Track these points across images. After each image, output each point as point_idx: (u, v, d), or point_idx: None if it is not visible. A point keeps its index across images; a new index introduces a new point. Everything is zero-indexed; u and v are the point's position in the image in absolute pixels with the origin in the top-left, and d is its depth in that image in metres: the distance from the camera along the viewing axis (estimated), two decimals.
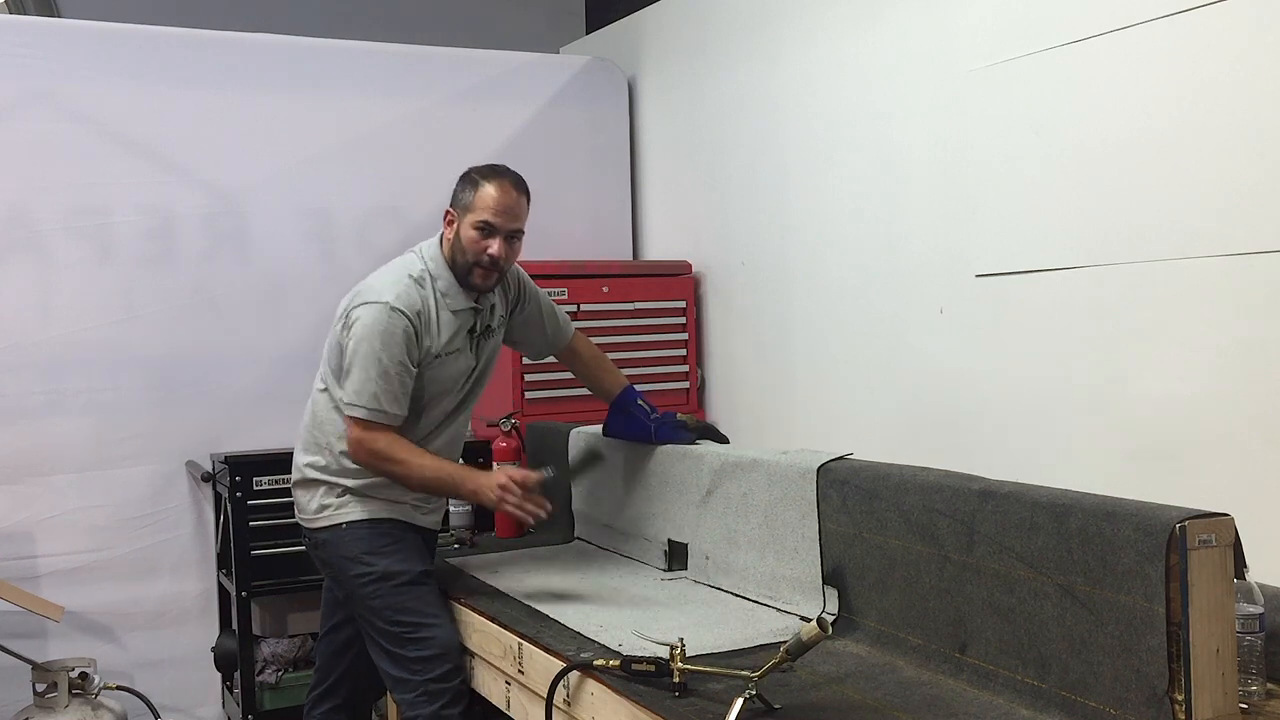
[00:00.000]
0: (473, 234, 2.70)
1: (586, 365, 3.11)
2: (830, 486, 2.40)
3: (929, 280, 3.23)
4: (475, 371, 2.86)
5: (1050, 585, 1.88)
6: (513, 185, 2.74)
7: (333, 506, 2.77)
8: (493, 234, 2.70)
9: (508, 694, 2.55)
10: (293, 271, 4.08)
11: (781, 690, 2.00)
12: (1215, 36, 2.45)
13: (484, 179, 2.72)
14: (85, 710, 3.38)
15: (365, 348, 2.63)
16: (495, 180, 2.72)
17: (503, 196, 2.71)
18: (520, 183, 2.76)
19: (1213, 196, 2.47)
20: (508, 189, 2.72)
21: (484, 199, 2.70)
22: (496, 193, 2.70)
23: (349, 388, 2.66)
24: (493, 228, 2.70)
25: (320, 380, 2.83)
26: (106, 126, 3.82)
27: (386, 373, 2.63)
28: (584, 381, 3.16)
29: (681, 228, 4.46)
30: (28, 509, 3.72)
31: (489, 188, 2.71)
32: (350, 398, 2.66)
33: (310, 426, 2.84)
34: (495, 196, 2.70)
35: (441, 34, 4.80)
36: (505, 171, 2.76)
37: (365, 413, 2.65)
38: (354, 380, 2.65)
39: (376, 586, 2.70)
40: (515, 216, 2.74)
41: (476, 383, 2.88)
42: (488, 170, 2.75)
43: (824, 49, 3.60)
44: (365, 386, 2.63)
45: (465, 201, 2.73)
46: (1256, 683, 1.89)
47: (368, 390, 2.63)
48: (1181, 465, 2.55)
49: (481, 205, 2.70)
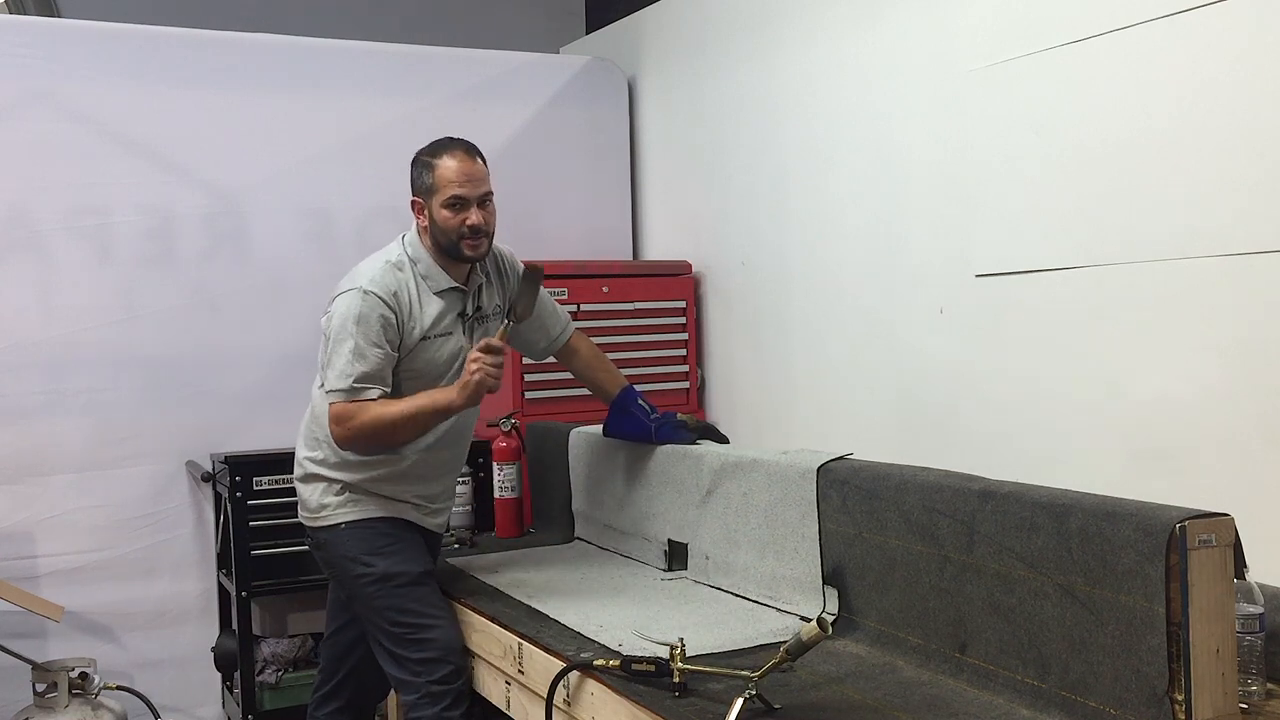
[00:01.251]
0: (446, 213, 2.71)
1: (586, 365, 3.10)
2: (830, 486, 2.40)
3: (929, 280, 3.23)
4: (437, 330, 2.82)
5: (1050, 585, 1.88)
6: (465, 152, 2.74)
7: (332, 506, 2.77)
8: (466, 205, 2.71)
9: (508, 694, 2.55)
10: (293, 271, 4.07)
11: (781, 690, 2.00)
12: (1215, 36, 2.45)
13: (436, 157, 2.73)
14: (85, 710, 3.38)
15: (340, 333, 2.65)
16: (448, 153, 2.72)
17: (462, 166, 2.71)
18: (472, 147, 2.76)
19: (1213, 196, 2.47)
20: (463, 157, 2.72)
21: (445, 175, 2.70)
22: (455, 164, 2.71)
23: (330, 375, 2.67)
24: (464, 199, 2.70)
25: (317, 375, 2.83)
26: (106, 126, 3.82)
27: (362, 354, 2.64)
28: (583, 381, 3.15)
29: (681, 228, 4.46)
30: (28, 509, 3.72)
31: (446, 162, 2.71)
32: (331, 384, 2.67)
33: (309, 421, 2.84)
34: (455, 168, 2.70)
35: (441, 34, 4.80)
36: (453, 142, 2.76)
37: (342, 395, 2.64)
38: (334, 367, 2.66)
39: (378, 587, 2.70)
40: (481, 180, 2.74)
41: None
42: (436, 148, 2.75)
43: (824, 49, 3.60)
44: (343, 370, 2.64)
45: (426, 184, 2.73)
46: (1256, 683, 1.89)
47: (345, 373, 2.64)
48: (1181, 465, 2.55)
49: (445, 181, 2.70)
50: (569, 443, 3.36)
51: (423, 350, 2.73)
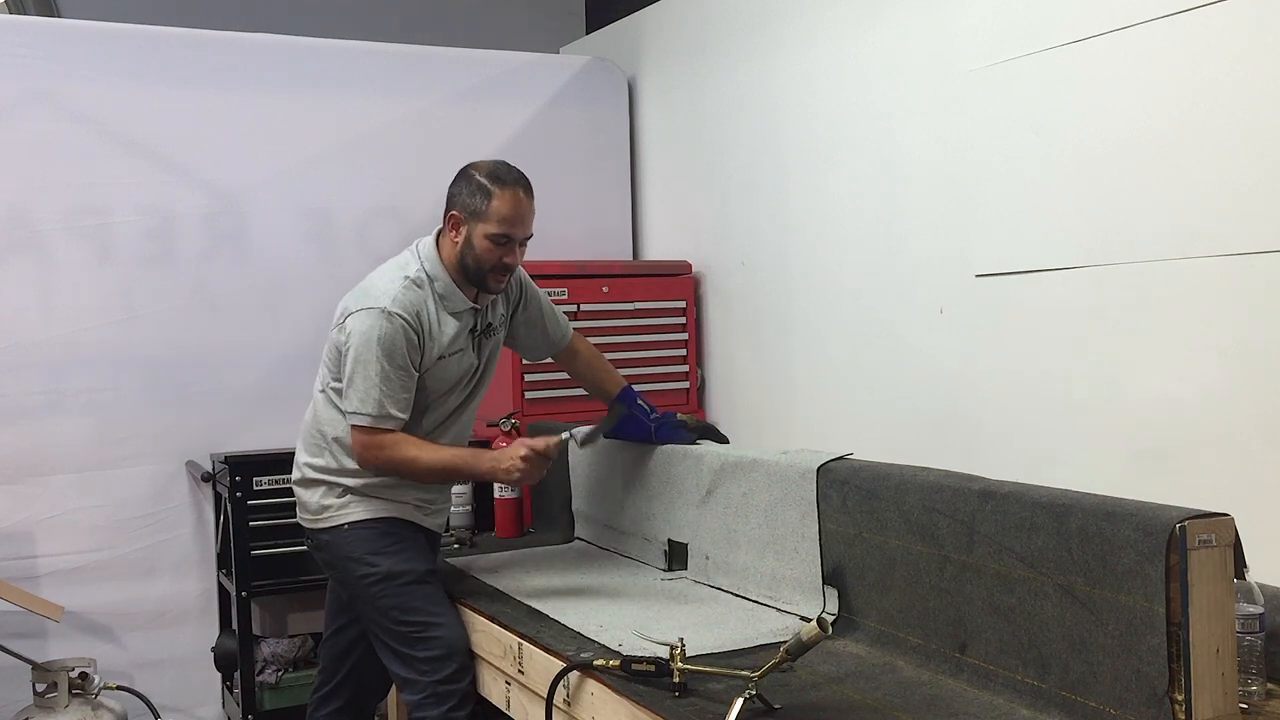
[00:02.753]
0: (486, 244, 2.67)
1: (586, 366, 3.10)
2: (830, 486, 2.40)
3: (929, 280, 3.23)
4: (478, 371, 2.85)
5: (1050, 585, 1.88)
6: (524, 192, 2.69)
7: (334, 507, 2.77)
8: (509, 244, 2.68)
9: (508, 694, 2.55)
10: (293, 271, 4.08)
11: (781, 690, 2.00)
12: (1215, 36, 2.45)
13: (495, 186, 2.66)
14: (85, 710, 3.38)
15: (364, 354, 2.62)
16: (508, 190, 2.66)
17: (517, 206, 2.67)
18: (528, 185, 2.71)
19: (1213, 196, 2.47)
20: (520, 197, 2.68)
21: (498, 210, 2.65)
22: (511, 203, 2.66)
23: (352, 397, 2.64)
24: (510, 239, 2.68)
25: (319, 381, 2.83)
26: (106, 126, 3.82)
27: (388, 378, 2.62)
28: (582, 383, 3.15)
29: (681, 228, 4.46)
30: (28, 509, 3.72)
31: (503, 198, 2.65)
32: (354, 406, 2.64)
33: (310, 426, 2.84)
34: (512, 206, 2.66)
35: (441, 34, 4.80)
36: (512, 177, 2.70)
37: (369, 420, 2.63)
38: (356, 389, 2.63)
39: (382, 587, 2.70)
40: (529, 221, 2.72)
41: (480, 381, 2.87)
42: (495, 176, 2.68)
43: (824, 49, 3.60)
44: (368, 394, 2.62)
45: (476, 209, 2.67)
46: (1256, 683, 1.89)
47: (371, 397, 2.62)
48: (1181, 465, 2.55)
49: (496, 217, 2.65)
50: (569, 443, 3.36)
51: (437, 369, 2.73)
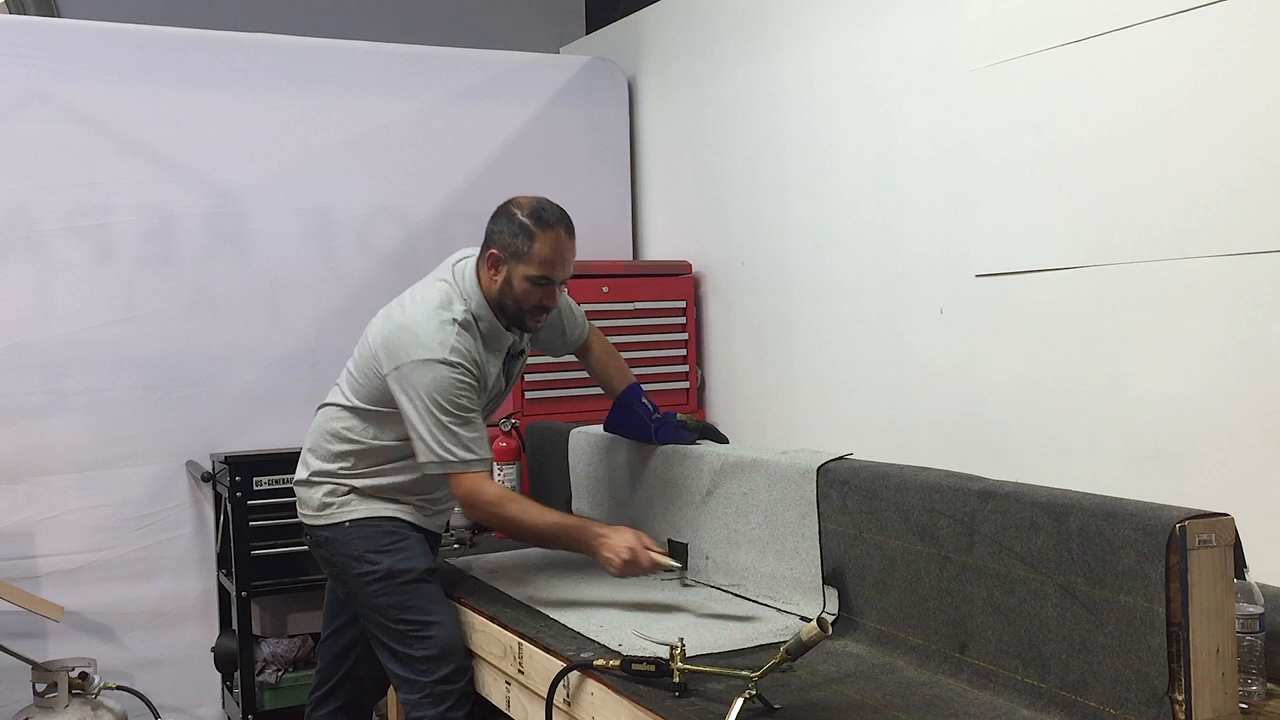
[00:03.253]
0: (527, 285, 2.64)
1: (597, 360, 3.08)
2: (830, 486, 2.40)
3: (929, 280, 3.23)
4: (503, 392, 2.87)
5: (1050, 585, 1.88)
6: (566, 232, 2.64)
7: (335, 505, 2.77)
8: (549, 286, 2.67)
9: (508, 694, 2.55)
10: (293, 271, 4.08)
11: (781, 690, 2.00)
12: (1215, 36, 2.45)
13: (538, 228, 2.61)
14: (85, 710, 3.38)
15: (435, 409, 2.56)
16: (550, 232, 2.62)
17: (559, 248, 2.63)
18: (570, 225, 2.67)
19: (1213, 196, 2.47)
20: (563, 240, 2.63)
21: (541, 253, 2.61)
22: (553, 245, 2.62)
23: (432, 448, 2.58)
24: (550, 280, 2.66)
25: (343, 397, 2.79)
26: (106, 126, 3.81)
27: (467, 422, 2.60)
28: (593, 376, 3.14)
29: (681, 228, 4.46)
30: (28, 509, 3.72)
31: (545, 241, 2.61)
32: (439, 457, 2.59)
33: (324, 432, 2.81)
34: (552, 249, 2.62)
35: (441, 34, 4.80)
36: (555, 218, 2.64)
37: (462, 466, 2.60)
38: (435, 442, 2.58)
39: (381, 585, 2.70)
40: (569, 264, 2.69)
41: (500, 400, 2.89)
42: (538, 216, 2.63)
43: (824, 49, 3.60)
44: (452, 446, 2.58)
45: (517, 249, 2.62)
46: (1256, 683, 1.89)
47: (457, 447, 2.58)
48: (1181, 465, 2.55)
49: (539, 260, 2.61)
50: (569, 443, 3.36)
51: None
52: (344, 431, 2.78)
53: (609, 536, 2.56)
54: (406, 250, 4.20)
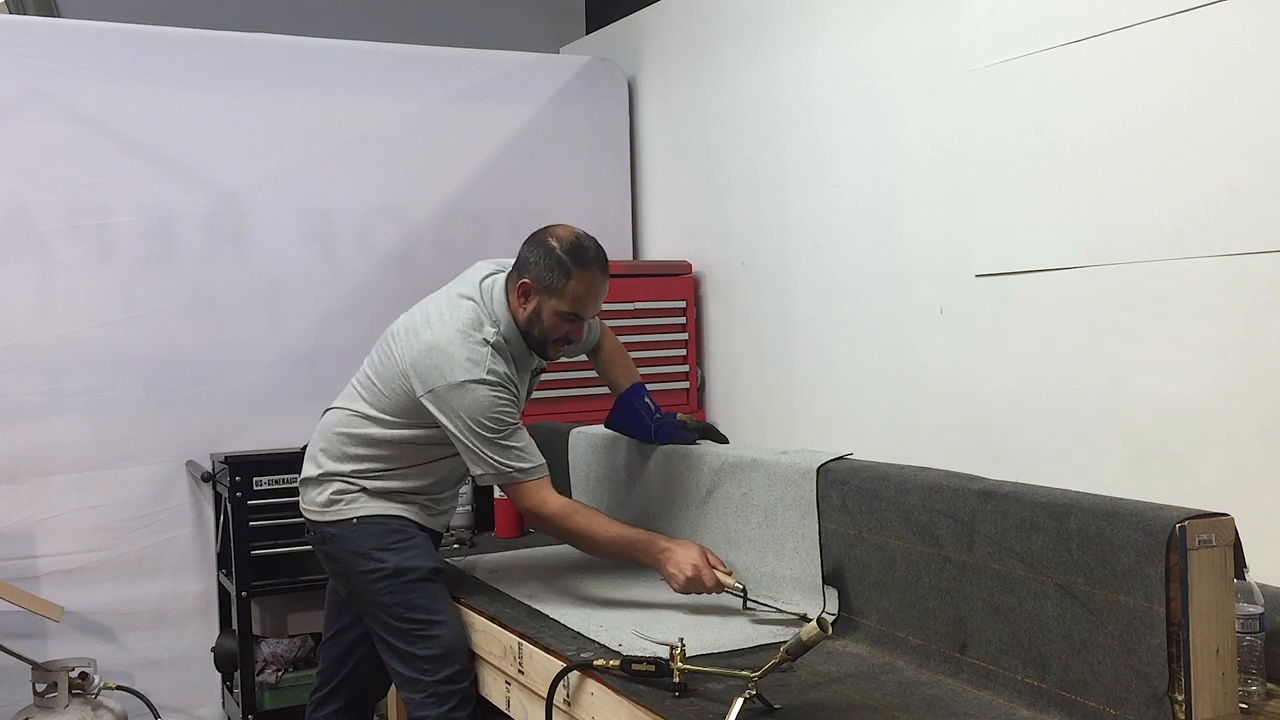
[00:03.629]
0: (557, 320, 2.63)
1: (605, 358, 3.07)
2: (830, 486, 2.40)
3: (929, 280, 3.23)
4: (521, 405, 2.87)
5: (1050, 585, 1.88)
6: (601, 272, 2.63)
7: (343, 501, 2.76)
8: (579, 321, 2.67)
9: (508, 694, 2.55)
10: (293, 271, 4.08)
11: (781, 690, 2.00)
12: (1215, 36, 2.45)
13: (576, 265, 2.59)
14: (85, 710, 3.38)
15: (482, 430, 2.56)
16: (587, 271, 2.60)
17: (593, 288, 2.62)
18: (606, 263, 2.64)
19: (1213, 196, 2.47)
20: (598, 279, 2.62)
21: (575, 291, 2.59)
22: (589, 285, 2.61)
23: (488, 463, 2.58)
24: (580, 317, 2.66)
25: (364, 405, 2.76)
26: (106, 126, 3.82)
27: (517, 434, 2.60)
28: (599, 373, 3.13)
29: (681, 228, 4.46)
30: (28, 509, 3.72)
31: (581, 279, 2.59)
32: (495, 469, 2.59)
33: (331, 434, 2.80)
34: (587, 288, 2.61)
35: (441, 34, 4.80)
36: (593, 257, 2.62)
37: (522, 475, 2.60)
38: (490, 459, 2.58)
39: (388, 583, 2.69)
40: (600, 302, 2.68)
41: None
42: (576, 255, 2.60)
43: (824, 49, 3.60)
44: (507, 458, 2.58)
45: (551, 284, 2.60)
46: (1256, 683, 1.89)
47: (514, 459, 2.59)
48: (1181, 465, 2.55)
49: (572, 297, 2.60)
50: (569, 443, 3.36)
51: None
52: (365, 436, 2.74)
53: (674, 551, 2.54)
54: (406, 250, 4.20)
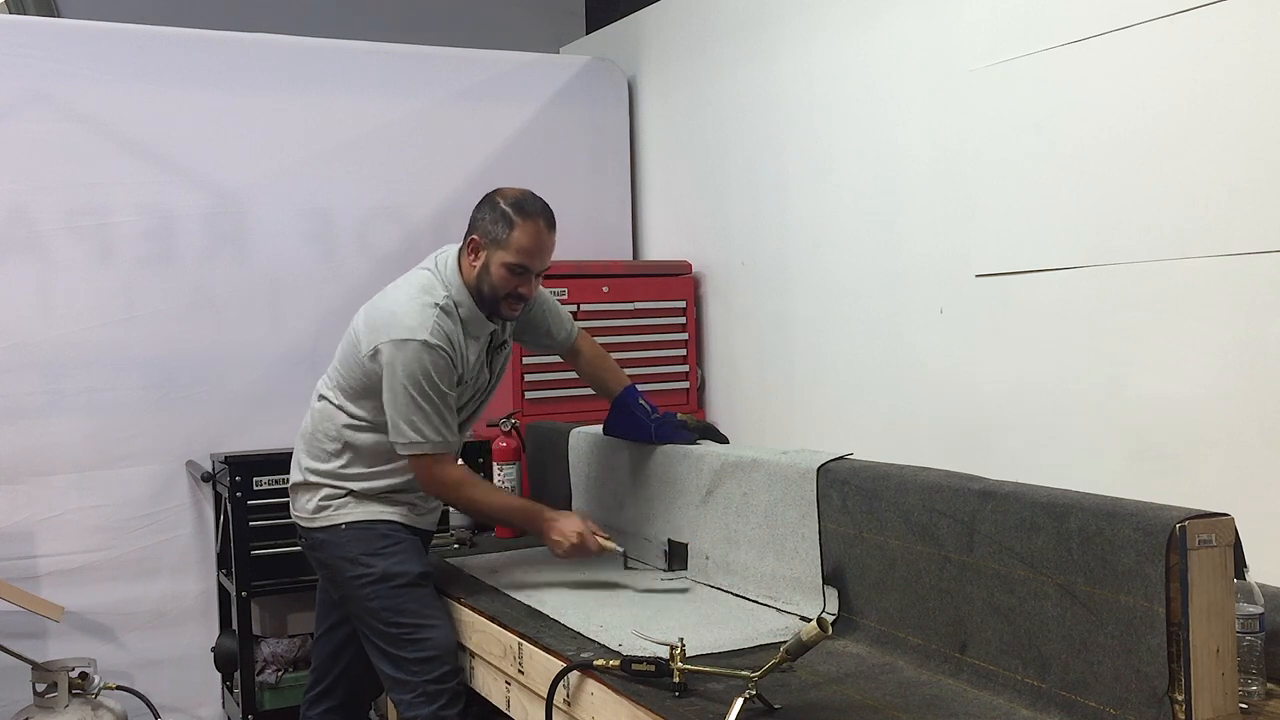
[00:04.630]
0: (504, 272, 2.68)
1: (590, 364, 3.11)
2: (830, 486, 2.40)
3: (929, 280, 3.23)
4: (489, 384, 2.88)
5: (1050, 585, 1.88)
6: (546, 225, 2.70)
7: (331, 507, 2.78)
8: (525, 275, 2.70)
9: (508, 694, 2.55)
10: (293, 271, 4.08)
11: (781, 690, 2.00)
12: (1215, 36, 2.45)
13: (519, 217, 2.67)
14: (85, 710, 3.38)
15: (411, 388, 2.61)
16: (530, 221, 2.67)
17: (537, 238, 2.68)
18: (551, 219, 2.73)
19: (1213, 196, 2.47)
20: (542, 230, 2.69)
21: (519, 241, 2.66)
22: (532, 236, 2.67)
23: (403, 430, 2.64)
24: (527, 270, 2.69)
25: (330, 391, 2.82)
26: (106, 126, 3.81)
27: (438, 408, 2.64)
28: (586, 380, 3.16)
29: (681, 228, 4.46)
30: (28, 509, 3.72)
31: (525, 229, 2.67)
32: (407, 437, 2.65)
33: (315, 432, 2.83)
34: (531, 240, 2.67)
35: (441, 34, 4.80)
36: (537, 209, 2.71)
37: (430, 447, 2.66)
38: (409, 421, 2.64)
39: (375, 588, 2.70)
40: (548, 254, 2.74)
41: (488, 393, 2.90)
42: (520, 206, 2.69)
43: (823, 49, 3.60)
44: (423, 426, 2.64)
45: (497, 236, 2.68)
46: (1256, 683, 1.89)
47: (430, 426, 2.64)
48: (1181, 465, 2.55)
49: (517, 247, 2.67)
50: (569, 443, 3.36)
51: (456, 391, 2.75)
52: (336, 431, 2.79)
53: (558, 520, 2.74)
54: (406, 250, 4.19)
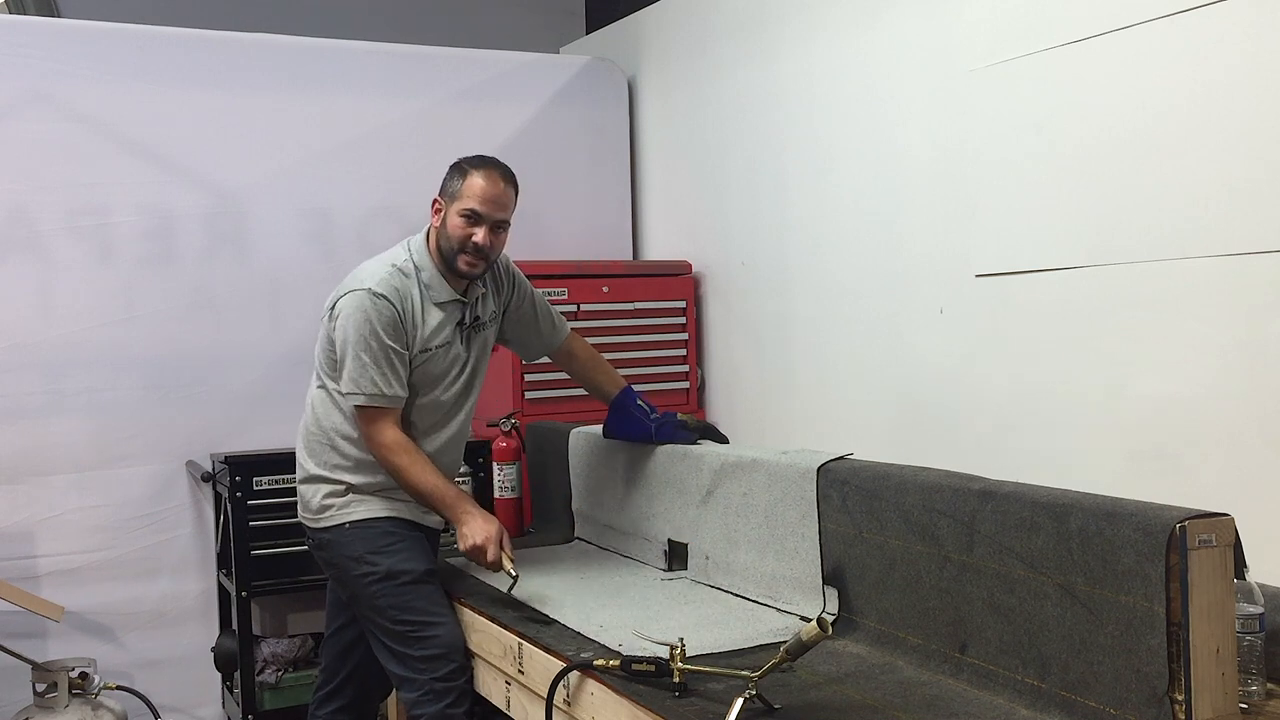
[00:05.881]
0: (458, 221, 2.74)
1: (583, 367, 3.11)
2: (830, 486, 2.40)
3: (929, 280, 3.23)
4: (468, 365, 2.87)
5: (1050, 585, 1.88)
6: (500, 176, 2.78)
7: (336, 506, 2.78)
8: (479, 222, 2.74)
9: (508, 694, 2.55)
10: (293, 271, 4.08)
11: (781, 690, 2.00)
12: (1215, 36, 2.45)
13: (472, 168, 2.77)
14: (85, 710, 3.38)
15: (354, 335, 2.68)
16: (484, 170, 2.76)
17: (490, 186, 2.75)
18: (509, 174, 2.80)
19: (1213, 196, 2.47)
20: (495, 179, 2.76)
21: (471, 188, 2.74)
22: (484, 182, 2.75)
23: (346, 377, 2.71)
24: (479, 216, 2.74)
25: (316, 377, 2.86)
26: (106, 126, 3.81)
27: (377, 357, 2.68)
28: (581, 383, 3.16)
29: (681, 228, 4.46)
30: (28, 509, 3.72)
31: (477, 177, 2.75)
32: (348, 387, 2.70)
33: (310, 425, 2.85)
34: (483, 185, 2.74)
35: (441, 34, 4.80)
36: (494, 162, 2.80)
37: (365, 399, 2.69)
38: (349, 370, 2.69)
39: (381, 586, 2.71)
40: (502, 206, 2.78)
41: (473, 377, 2.89)
42: (477, 160, 2.79)
43: (823, 49, 3.60)
44: (362, 373, 2.68)
45: (453, 190, 2.78)
46: (1256, 683, 1.89)
47: (366, 376, 2.68)
48: (1181, 465, 2.55)
49: (469, 194, 2.74)
50: (569, 443, 3.36)
51: (422, 363, 2.77)
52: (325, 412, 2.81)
53: (475, 517, 2.70)
54: None
